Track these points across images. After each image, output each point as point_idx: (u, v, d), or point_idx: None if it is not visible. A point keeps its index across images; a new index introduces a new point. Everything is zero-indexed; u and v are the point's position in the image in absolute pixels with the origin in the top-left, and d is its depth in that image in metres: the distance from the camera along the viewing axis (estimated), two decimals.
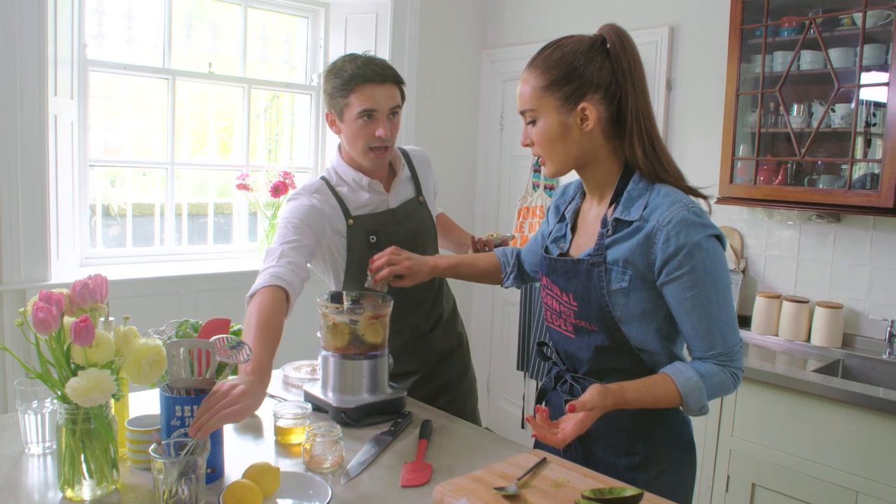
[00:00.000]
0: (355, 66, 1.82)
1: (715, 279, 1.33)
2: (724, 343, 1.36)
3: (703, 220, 1.34)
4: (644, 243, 1.35)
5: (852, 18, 2.57)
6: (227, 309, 3.17)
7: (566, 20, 3.80)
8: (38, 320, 1.16)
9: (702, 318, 1.34)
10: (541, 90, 1.39)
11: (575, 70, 1.36)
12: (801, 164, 2.82)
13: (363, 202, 1.94)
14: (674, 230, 1.31)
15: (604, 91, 1.37)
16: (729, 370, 1.37)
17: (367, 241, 1.92)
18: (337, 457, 1.44)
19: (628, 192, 1.40)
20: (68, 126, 3.03)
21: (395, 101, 1.86)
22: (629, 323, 1.39)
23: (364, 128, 1.83)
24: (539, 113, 1.40)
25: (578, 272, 1.42)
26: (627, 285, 1.36)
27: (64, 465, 1.26)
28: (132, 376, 1.27)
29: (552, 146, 1.41)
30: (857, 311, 2.80)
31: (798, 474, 2.39)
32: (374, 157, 1.88)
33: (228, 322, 1.55)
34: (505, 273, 1.90)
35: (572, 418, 1.29)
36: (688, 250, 1.31)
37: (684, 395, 1.34)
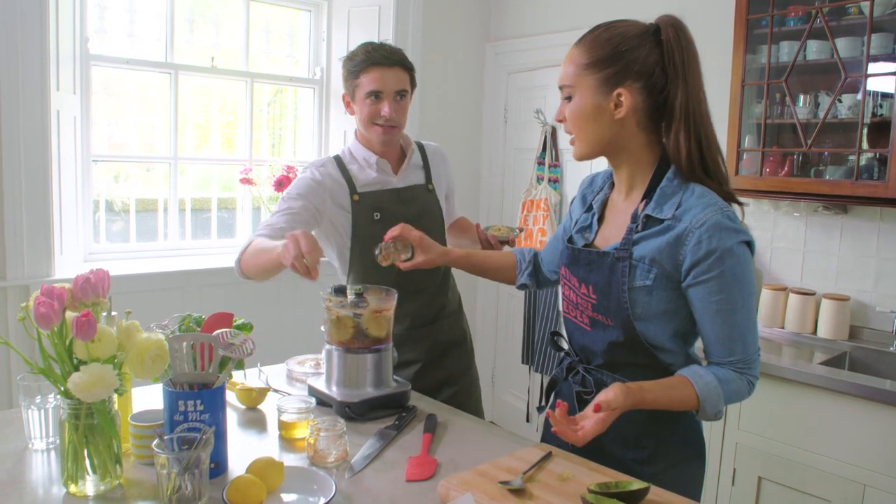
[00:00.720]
0: (366, 51, 1.98)
1: (742, 285, 1.31)
2: (745, 350, 1.34)
3: (737, 225, 1.31)
4: (674, 243, 1.32)
5: (859, 7, 2.55)
6: (231, 303, 3.18)
7: (571, 12, 3.78)
8: (40, 315, 1.16)
9: (725, 323, 1.32)
10: (582, 67, 1.37)
11: (620, 53, 1.33)
12: (807, 156, 2.80)
13: (370, 180, 2.06)
14: (706, 233, 1.29)
15: (645, 80, 1.34)
16: (746, 378, 1.35)
17: (372, 218, 2.02)
18: (341, 451, 1.44)
19: (662, 188, 1.37)
20: (71, 121, 3.03)
21: (402, 84, 1.99)
22: (647, 321, 1.37)
23: (371, 107, 1.98)
24: (576, 90, 1.38)
25: (602, 265, 1.41)
26: (651, 283, 1.35)
27: (67, 461, 1.25)
28: (135, 371, 1.27)
29: (583, 126, 1.39)
30: (864, 302, 2.78)
31: (805, 467, 2.38)
32: (382, 133, 2.01)
33: (231, 316, 1.54)
34: (519, 270, 1.82)
35: (593, 417, 1.26)
36: (719, 255, 1.29)
37: (702, 399, 1.32)
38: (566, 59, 1.41)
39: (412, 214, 2.04)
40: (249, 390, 1.74)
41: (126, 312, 1.31)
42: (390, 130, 2.01)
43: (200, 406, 1.31)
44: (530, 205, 3.87)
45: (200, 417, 1.31)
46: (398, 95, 1.99)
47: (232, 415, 1.69)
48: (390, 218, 1.98)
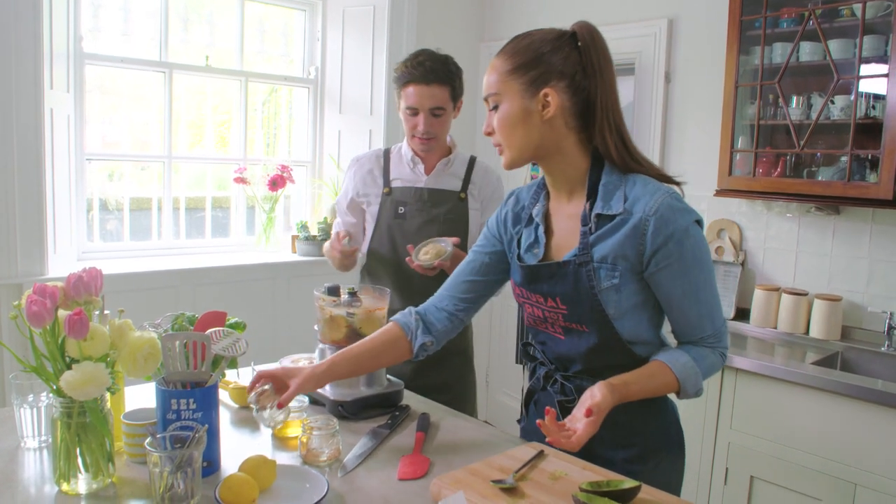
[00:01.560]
0: (406, 66, 2.09)
1: (702, 264, 1.35)
2: (713, 325, 1.39)
3: (685, 205, 1.35)
4: (632, 235, 1.33)
5: (852, 9, 2.56)
6: (225, 302, 3.18)
7: (564, 12, 3.78)
8: (32, 313, 1.16)
9: (692, 304, 1.36)
10: (506, 74, 1.38)
11: (541, 56, 1.36)
12: (800, 157, 2.81)
13: (403, 176, 2.21)
14: (662, 219, 1.31)
15: (569, 80, 1.36)
16: (718, 350, 1.41)
17: (396, 211, 2.17)
18: (334, 450, 1.44)
19: (604, 185, 1.38)
20: (64, 120, 3.02)
21: (437, 101, 2.08)
22: (622, 318, 1.38)
23: (409, 120, 2.12)
24: (502, 97, 1.39)
25: (565, 274, 1.40)
26: (619, 281, 1.35)
27: (59, 459, 1.25)
28: (127, 370, 1.27)
29: (512, 131, 1.39)
30: (856, 303, 2.80)
31: (797, 467, 2.39)
32: (418, 143, 2.15)
33: (224, 315, 1.54)
34: (411, 334, 1.59)
35: (582, 419, 1.26)
36: (677, 238, 1.31)
37: (682, 380, 1.36)
38: (489, 69, 1.43)
39: (436, 216, 2.16)
40: (242, 389, 1.74)
41: (119, 311, 1.30)
42: (426, 142, 2.13)
43: (193, 405, 1.31)
44: None
45: (193, 416, 1.31)
46: (433, 113, 2.09)
47: (225, 413, 1.69)
48: (414, 214, 2.15)
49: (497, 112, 1.41)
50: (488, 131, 1.44)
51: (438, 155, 2.21)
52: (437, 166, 2.20)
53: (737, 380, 2.54)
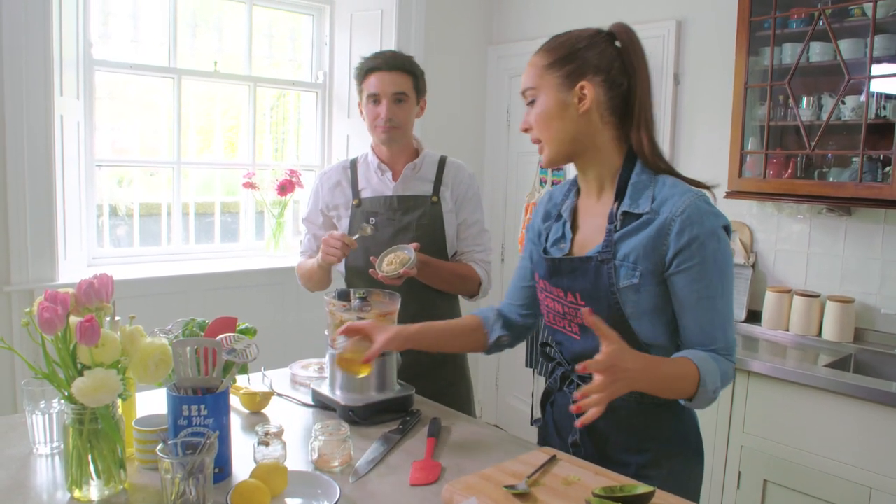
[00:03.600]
0: (367, 59, 2.09)
1: (723, 272, 1.32)
2: (725, 338, 1.35)
3: (714, 208, 1.34)
4: (656, 235, 1.33)
5: (862, 9, 2.55)
6: (235, 308, 3.17)
7: (573, 14, 3.78)
8: (44, 320, 1.16)
9: (706, 310, 1.33)
10: (543, 69, 1.40)
11: (577, 51, 1.38)
12: (810, 158, 2.79)
13: (371, 185, 2.16)
14: (688, 220, 1.30)
15: (605, 75, 1.37)
16: (730, 364, 1.37)
17: (367, 222, 2.10)
18: (345, 456, 1.43)
19: (633, 184, 1.38)
20: (74, 126, 3.04)
21: (399, 87, 2.05)
22: (640, 319, 1.37)
23: (371, 110, 2.08)
24: (539, 91, 1.41)
25: (587, 270, 1.40)
26: (638, 281, 1.34)
27: (71, 466, 1.25)
28: (138, 376, 1.27)
29: (549, 124, 1.40)
30: (869, 305, 2.77)
31: (810, 470, 2.37)
32: (382, 132, 2.08)
33: (235, 321, 1.54)
34: (489, 327, 1.67)
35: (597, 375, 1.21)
36: (702, 240, 1.30)
37: (703, 374, 1.29)
38: (527, 66, 1.45)
39: (408, 223, 2.10)
40: (253, 394, 1.74)
41: (130, 317, 1.30)
42: (389, 130, 2.07)
43: (204, 410, 1.31)
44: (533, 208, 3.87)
45: (204, 422, 1.31)
46: (397, 98, 2.05)
47: (236, 419, 1.69)
48: (385, 224, 2.10)
49: (534, 107, 1.42)
50: (525, 127, 1.46)
51: (405, 159, 2.16)
52: (404, 171, 2.14)
53: (749, 383, 2.52)
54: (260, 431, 1.43)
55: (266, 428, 1.43)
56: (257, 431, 1.43)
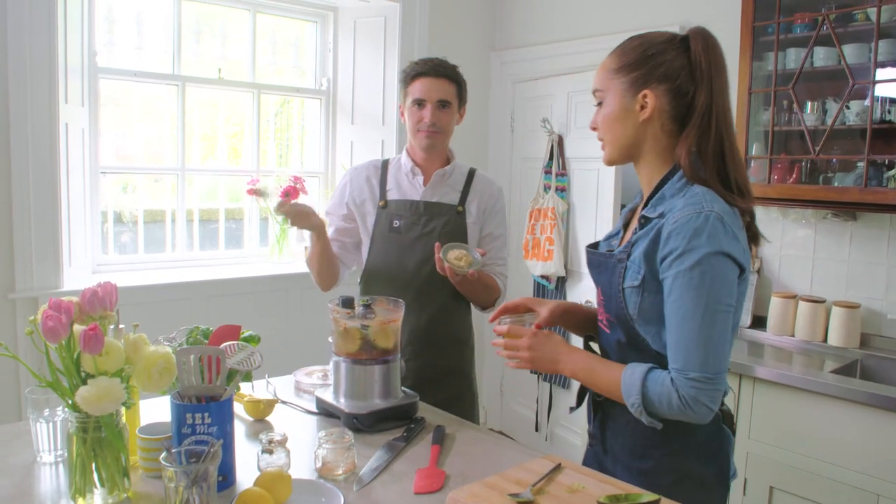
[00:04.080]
0: (415, 63, 2.14)
1: (698, 295, 1.25)
2: (686, 362, 1.26)
3: (715, 231, 1.26)
4: (655, 239, 1.33)
5: (866, 14, 2.54)
6: (240, 314, 3.18)
7: (577, 21, 3.78)
8: (48, 329, 1.16)
9: (674, 327, 1.29)
10: (612, 72, 1.41)
11: (646, 57, 1.37)
12: (815, 163, 2.78)
13: (400, 188, 2.18)
14: (676, 229, 1.28)
15: (671, 83, 1.36)
16: (678, 390, 1.27)
17: (391, 225, 2.14)
18: (349, 463, 1.43)
19: (663, 190, 1.38)
20: (79, 133, 3.04)
21: (445, 94, 2.09)
22: (646, 325, 1.36)
23: (415, 114, 2.12)
24: (606, 94, 1.42)
25: (607, 266, 1.43)
26: (639, 284, 1.35)
27: (75, 475, 1.25)
28: (142, 384, 1.26)
29: (611, 128, 1.42)
30: (875, 310, 2.76)
31: (817, 477, 2.35)
32: (425, 137, 2.11)
33: (239, 328, 1.54)
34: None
35: None
36: (679, 253, 1.27)
37: (622, 384, 1.33)
38: (599, 67, 1.45)
39: (432, 229, 2.11)
40: (257, 402, 1.74)
41: (133, 325, 1.30)
42: (433, 135, 2.11)
43: (208, 419, 1.31)
44: (537, 214, 3.87)
45: (208, 430, 1.31)
46: (441, 104, 2.09)
47: (240, 427, 1.69)
48: (409, 228, 2.11)
49: (601, 108, 1.44)
50: (593, 127, 1.47)
51: (438, 165, 2.18)
52: (433, 177, 2.16)
53: (755, 389, 2.51)
54: (264, 439, 1.43)
55: (270, 436, 1.43)
56: (261, 439, 1.43)
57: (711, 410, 1.28)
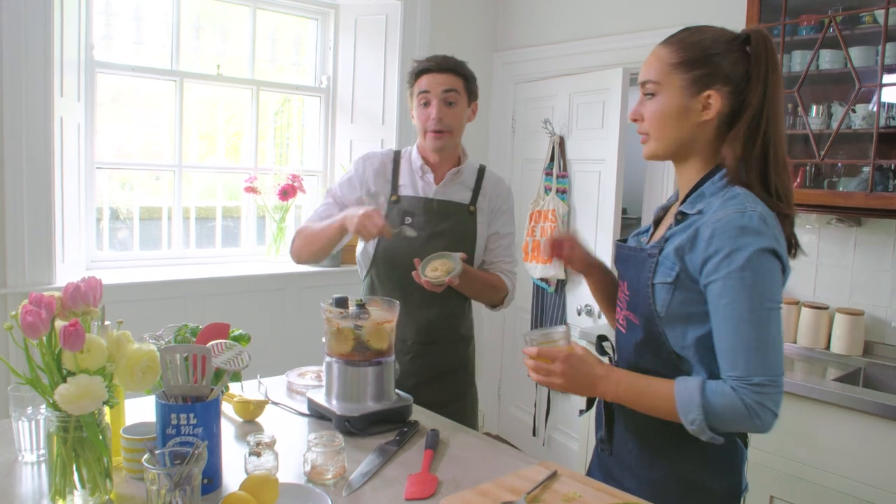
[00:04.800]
0: (421, 59, 2.09)
1: (752, 294, 1.21)
2: (746, 367, 1.21)
3: (761, 228, 1.23)
4: (692, 237, 1.28)
5: (874, 16, 2.50)
6: (235, 313, 3.15)
7: (579, 21, 3.75)
8: (27, 324, 1.12)
9: (729, 332, 1.24)
10: (670, 66, 1.34)
11: (710, 56, 1.32)
12: (820, 167, 2.75)
13: (411, 182, 2.12)
14: (720, 228, 1.24)
15: (734, 86, 1.31)
16: (743, 399, 1.21)
17: (403, 221, 2.07)
18: (339, 468, 1.39)
19: (703, 189, 1.34)
20: (75, 128, 3.01)
21: (449, 84, 2.02)
22: (672, 324, 1.32)
23: (422, 111, 2.05)
24: (662, 88, 1.35)
25: (636, 261, 1.39)
26: (672, 281, 1.30)
27: (55, 475, 1.21)
28: (125, 383, 1.23)
29: (664, 124, 1.36)
30: (879, 317, 2.72)
31: (818, 486, 2.32)
32: (434, 138, 2.04)
33: (228, 327, 1.50)
34: None
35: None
36: (727, 253, 1.22)
37: (677, 401, 1.26)
38: (651, 56, 1.38)
39: (443, 229, 2.07)
40: (247, 403, 1.70)
41: (118, 322, 1.27)
42: (440, 135, 2.03)
43: (194, 419, 1.27)
44: (538, 215, 3.83)
45: (193, 431, 1.27)
46: (447, 100, 2.02)
47: (229, 428, 1.65)
48: (422, 225, 2.06)
49: (652, 101, 1.36)
50: (635, 118, 1.40)
51: (450, 163, 2.13)
52: (447, 175, 2.11)
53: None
54: (251, 441, 1.39)
55: (258, 438, 1.39)
56: (249, 441, 1.39)
57: (776, 415, 1.23)
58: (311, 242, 2.06)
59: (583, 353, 1.36)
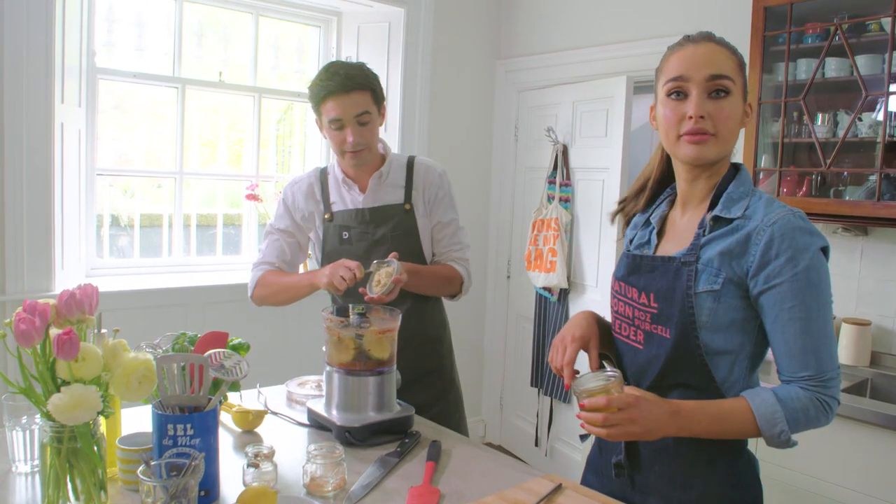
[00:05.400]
0: (320, 81, 1.94)
1: (818, 293, 1.22)
2: (818, 366, 1.22)
3: (812, 226, 1.25)
4: (743, 242, 1.26)
5: (880, 24, 2.48)
6: (235, 321, 3.12)
7: (583, 29, 3.73)
8: (20, 332, 1.09)
9: (798, 334, 1.22)
10: (737, 66, 1.33)
11: (744, 66, 1.35)
12: (826, 176, 2.72)
13: (341, 198, 2.08)
14: (779, 231, 1.22)
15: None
16: (817, 396, 1.22)
17: (341, 237, 2.05)
18: (339, 479, 1.36)
19: (728, 193, 1.32)
20: (75, 134, 3.00)
21: (361, 107, 1.93)
22: (714, 332, 1.28)
23: (336, 135, 1.96)
24: (735, 87, 1.31)
25: (667, 270, 1.33)
26: (720, 288, 1.27)
27: (48, 486, 1.18)
28: (120, 392, 1.20)
29: (735, 126, 1.32)
30: (887, 328, 2.69)
31: (826, 500, 2.28)
32: (351, 158, 1.98)
33: (226, 336, 1.48)
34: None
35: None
36: (791, 255, 1.21)
37: (759, 417, 1.23)
38: (714, 52, 1.32)
39: (382, 235, 2.03)
40: (246, 413, 1.68)
41: (114, 330, 1.24)
42: (359, 154, 1.97)
43: (191, 430, 1.24)
44: (541, 224, 3.81)
45: (190, 442, 1.24)
46: (360, 120, 1.94)
47: (227, 438, 1.62)
48: (360, 238, 2.03)
49: (726, 101, 1.30)
50: (703, 114, 1.28)
51: (371, 169, 2.05)
52: (370, 183, 2.04)
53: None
54: (250, 452, 1.36)
55: (256, 449, 1.37)
56: (247, 452, 1.37)
57: (840, 403, 1.26)
58: (276, 293, 2.07)
59: (644, 394, 1.26)
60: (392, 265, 1.80)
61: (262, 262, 2.11)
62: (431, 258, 2.12)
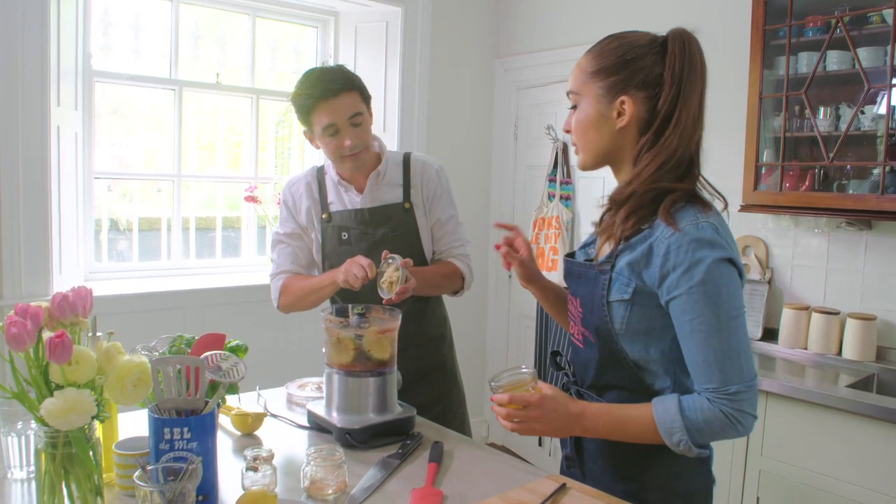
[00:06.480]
0: (305, 90, 1.89)
1: (717, 305, 1.19)
2: (722, 378, 1.20)
3: (714, 239, 1.21)
4: (647, 253, 1.25)
5: (882, 16, 2.46)
6: (234, 324, 3.10)
7: (582, 26, 3.71)
8: (11, 335, 1.07)
9: (700, 346, 1.21)
10: (588, 75, 1.33)
11: (625, 62, 1.30)
12: (828, 169, 2.70)
13: (339, 199, 2.05)
14: (675, 243, 1.21)
15: (650, 90, 1.29)
16: (721, 409, 1.20)
17: (340, 238, 2.02)
18: (339, 482, 1.34)
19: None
20: (72, 137, 2.98)
21: (353, 108, 1.90)
22: (631, 340, 1.29)
23: (332, 142, 1.91)
24: (581, 98, 1.34)
25: (588, 277, 1.35)
26: (630, 297, 1.27)
27: (43, 493, 1.16)
28: (115, 396, 1.18)
29: (585, 134, 1.34)
30: (892, 322, 2.66)
31: (831, 495, 2.26)
32: (350, 161, 1.95)
33: (224, 337, 1.45)
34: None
35: None
36: (686, 267, 1.20)
37: (659, 425, 1.23)
38: (575, 66, 1.37)
39: (382, 236, 2.00)
40: (245, 415, 1.65)
41: (108, 333, 1.22)
42: (357, 156, 1.95)
43: (188, 434, 1.22)
44: (541, 223, 3.78)
45: (188, 446, 1.22)
46: (354, 122, 1.91)
47: (226, 441, 1.60)
48: (357, 238, 2.00)
49: (576, 112, 1.35)
50: (567, 129, 1.39)
51: (367, 169, 2.02)
52: (368, 183, 2.01)
53: (767, 404, 2.41)
54: (248, 455, 1.34)
55: (255, 452, 1.34)
56: (246, 455, 1.34)
57: (755, 417, 1.23)
58: (302, 297, 2.01)
59: (554, 394, 1.30)
60: (396, 264, 1.77)
61: (279, 272, 2.07)
62: (432, 256, 2.09)
